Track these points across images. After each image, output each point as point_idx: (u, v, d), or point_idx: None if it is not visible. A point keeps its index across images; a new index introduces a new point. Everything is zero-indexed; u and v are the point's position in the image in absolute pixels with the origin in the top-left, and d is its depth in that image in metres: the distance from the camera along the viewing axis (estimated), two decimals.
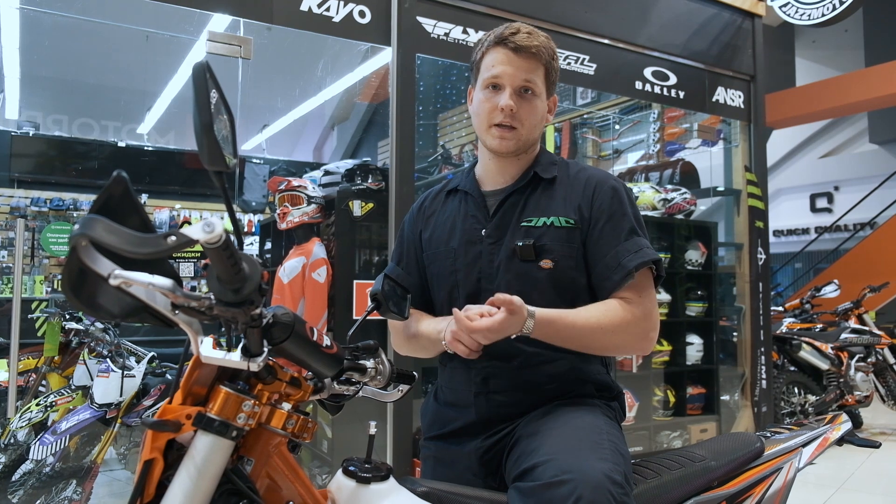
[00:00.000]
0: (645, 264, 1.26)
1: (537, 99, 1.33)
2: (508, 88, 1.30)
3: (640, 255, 1.26)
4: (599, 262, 1.29)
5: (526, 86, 1.31)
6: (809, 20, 7.19)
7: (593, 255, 1.30)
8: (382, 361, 1.10)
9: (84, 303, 0.78)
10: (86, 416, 2.93)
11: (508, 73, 1.30)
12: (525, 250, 1.29)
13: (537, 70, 1.32)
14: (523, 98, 1.31)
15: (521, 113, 1.31)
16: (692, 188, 4.57)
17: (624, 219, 1.30)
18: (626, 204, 1.32)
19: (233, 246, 0.75)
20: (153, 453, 0.84)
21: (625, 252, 1.27)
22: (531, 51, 1.30)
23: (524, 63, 1.30)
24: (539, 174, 1.37)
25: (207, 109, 0.75)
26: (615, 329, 1.24)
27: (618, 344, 1.27)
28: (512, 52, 1.30)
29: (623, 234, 1.28)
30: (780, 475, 1.41)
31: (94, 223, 0.69)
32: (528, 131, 1.33)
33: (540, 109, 1.35)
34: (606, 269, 1.27)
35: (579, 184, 1.34)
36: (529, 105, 1.32)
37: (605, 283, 1.28)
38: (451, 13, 3.25)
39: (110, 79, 6.10)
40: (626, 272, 1.25)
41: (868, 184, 11.07)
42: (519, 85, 1.30)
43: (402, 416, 2.97)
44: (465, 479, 1.29)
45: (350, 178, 3.33)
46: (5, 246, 6.13)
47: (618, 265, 1.26)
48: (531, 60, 1.30)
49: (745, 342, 4.38)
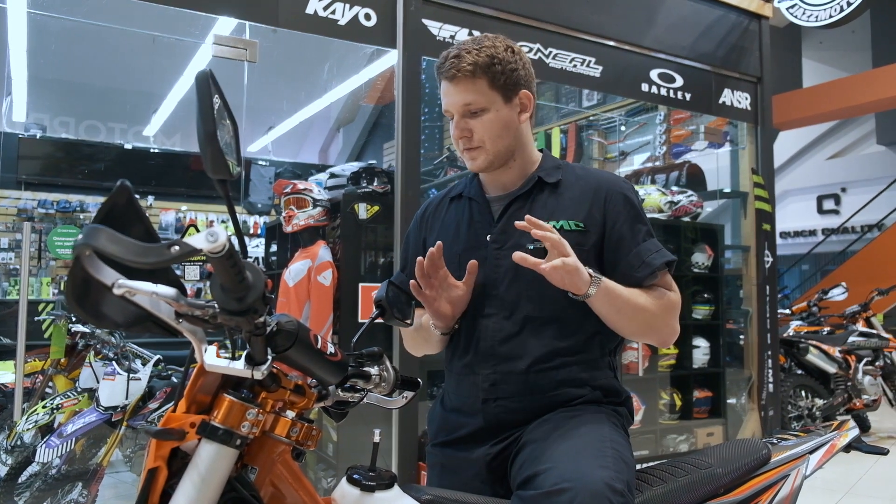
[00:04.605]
0: (668, 264, 1.31)
1: (487, 113, 1.32)
2: (456, 116, 1.34)
3: (661, 254, 1.31)
4: (621, 262, 1.31)
5: (468, 109, 1.32)
6: (817, 21, 7.16)
7: (613, 257, 1.32)
8: (387, 368, 1.10)
9: (88, 312, 0.78)
10: (92, 418, 2.94)
11: (450, 101, 1.33)
12: (536, 254, 1.29)
13: (474, 87, 1.30)
14: (474, 118, 1.32)
15: (477, 132, 1.32)
16: (699, 190, 4.55)
17: (639, 221, 1.34)
18: (637, 207, 1.35)
19: (237, 255, 0.75)
20: (157, 462, 0.84)
21: (647, 251, 1.30)
22: (459, 74, 1.30)
23: (459, 87, 1.31)
24: (543, 179, 1.37)
25: (211, 118, 0.75)
26: (660, 310, 1.28)
27: (659, 325, 1.30)
28: (448, 81, 1.32)
29: (641, 236, 1.32)
30: (788, 482, 1.40)
31: (98, 233, 0.69)
32: (492, 145, 1.33)
33: (497, 120, 1.32)
34: (629, 268, 1.30)
35: (588, 187, 1.35)
36: (481, 122, 1.32)
37: (628, 282, 1.29)
38: (457, 16, 3.24)
39: (117, 81, 6.12)
40: (652, 269, 1.29)
41: (876, 185, 11.02)
42: (461, 110, 1.32)
43: (408, 421, 2.97)
44: (472, 485, 1.29)
45: (355, 180, 3.33)
46: (12, 248, 6.16)
47: (642, 263, 1.29)
48: (464, 82, 1.30)
49: (752, 345, 4.36)
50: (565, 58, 3.59)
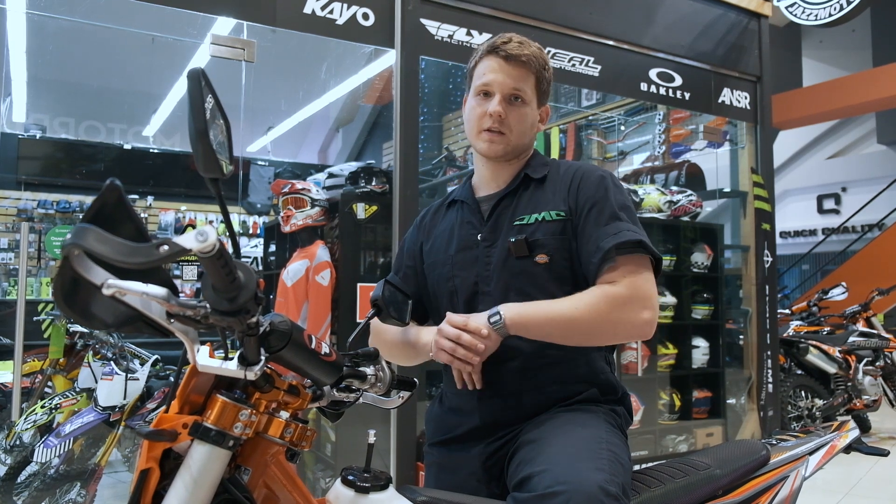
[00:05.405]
0: (624, 245, 1.22)
1: (526, 107, 1.35)
2: (498, 95, 1.33)
3: (617, 236, 1.23)
4: (583, 250, 1.28)
5: (515, 93, 1.33)
6: (816, 20, 7.15)
7: (579, 245, 1.29)
8: (383, 368, 1.10)
9: (77, 312, 0.78)
10: (90, 418, 2.94)
11: (498, 80, 1.33)
12: (518, 246, 1.30)
13: (527, 79, 1.34)
14: (512, 105, 1.34)
15: (509, 119, 1.33)
16: (698, 190, 4.54)
17: (606, 204, 1.28)
18: (609, 190, 1.30)
19: (227, 254, 0.74)
20: (149, 463, 0.84)
21: (604, 235, 1.25)
22: (521, 59, 1.33)
23: (514, 71, 1.33)
24: (529, 175, 1.38)
25: (202, 116, 0.74)
26: (599, 313, 1.20)
27: (607, 330, 1.23)
28: (503, 60, 1.33)
29: (604, 220, 1.27)
30: (787, 483, 1.39)
31: (86, 232, 0.68)
32: (516, 137, 1.35)
33: (529, 117, 1.37)
34: (588, 255, 1.26)
35: (567, 177, 1.36)
36: (518, 112, 1.34)
37: (589, 270, 1.26)
38: (455, 15, 3.24)
39: (116, 82, 6.12)
40: (603, 254, 1.22)
41: (876, 185, 11.01)
42: (508, 92, 1.33)
43: (406, 421, 2.96)
44: (469, 485, 1.29)
45: (354, 180, 3.32)
46: (12, 248, 6.16)
47: (596, 249, 1.24)
48: (521, 69, 1.33)
49: (752, 345, 4.35)
50: (564, 57, 3.58)
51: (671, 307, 4.09)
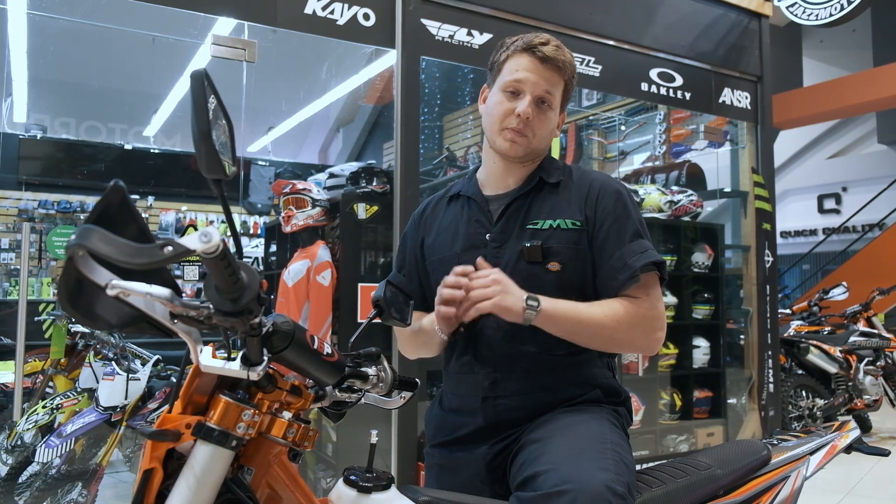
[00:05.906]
0: (650, 266, 1.27)
1: (552, 111, 1.35)
2: (529, 96, 1.31)
3: (645, 255, 1.27)
4: (605, 264, 1.29)
5: (545, 97, 1.32)
6: (817, 20, 7.15)
7: (598, 258, 1.30)
8: (384, 368, 1.10)
9: (81, 313, 0.78)
10: (91, 418, 2.94)
11: (532, 80, 1.31)
12: (533, 251, 1.29)
13: (558, 84, 1.34)
14: (539, 109, 1.33)
15: (534, 122, 1.32)
16: (698, 190, 4.54)
17: (628, 221, 1.30)
18: (629, 207, 1.33)
19: (230, 255, 0.74)
20: (152, 463, 0.84)
21: (630, 253, 1.27)
22: (557, 64, 1.32)
23: (548, 74, 1.31)
24: (544, 178, 1.37)
25: (205, 117, 0.75)
26: (621, 325, 1.24)
27: (623, 340, 1.28)
28: (539, 60, 1.31)
29: (627, 237, 1.29)
30: (788, 484, 1.40)
31: (90, 233, 0.68)
32: (538, 141, 1.35)
33: (552, 122, 1.36)
34: (612, 271, 1.28)
35: (583, 187, 1.35)
36: (544, 116, 1.34)
37: (611, 284, 1.28)
38: (456, 15, 3.24)
39: (117, 82, 6.13)
40: (632, 273, 1.25)
41: (876, 184, 11.01)
42: (539, 95, 1.32)
43: (408, 421, 2.96)
44: (472, 486, 1.29)
45: (354, 180, 3.32)
46: (13, 248, 6.17)
47: (623, 265, 1.26)
48: (555, 73, 1.32)
49: (753, 345, 4.35)
50: None
51: (672, 307, 4.09)
